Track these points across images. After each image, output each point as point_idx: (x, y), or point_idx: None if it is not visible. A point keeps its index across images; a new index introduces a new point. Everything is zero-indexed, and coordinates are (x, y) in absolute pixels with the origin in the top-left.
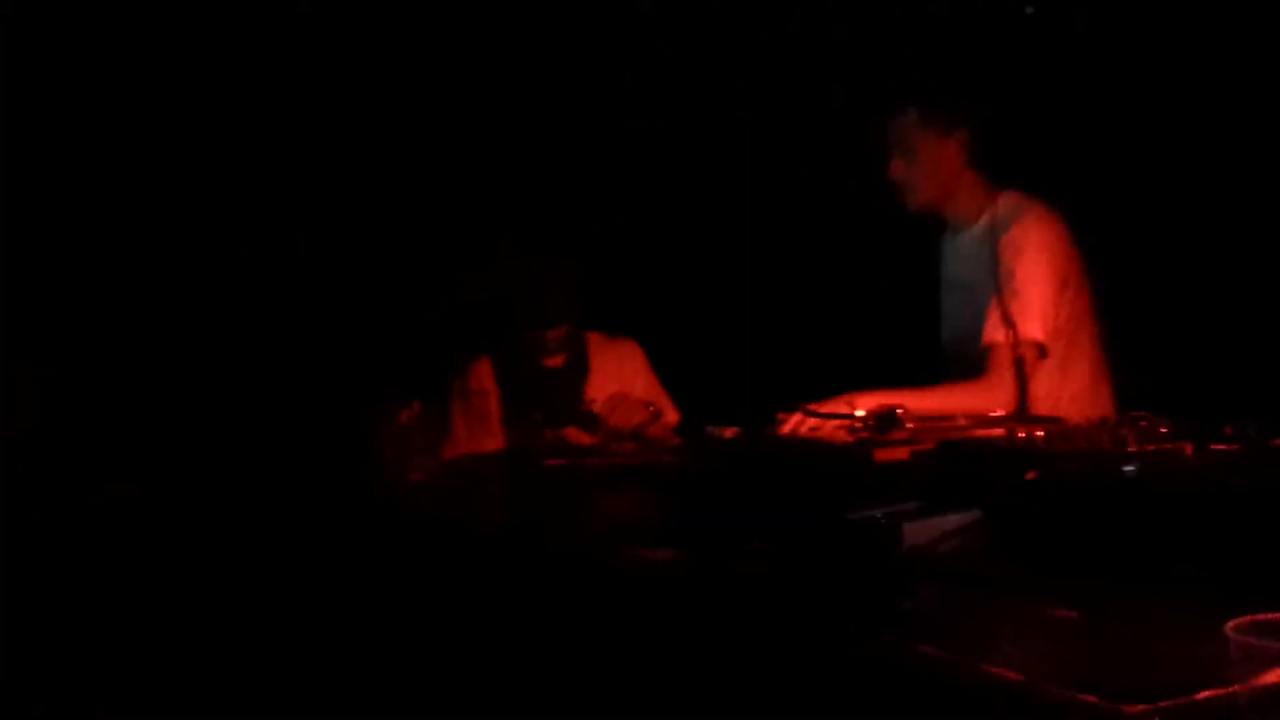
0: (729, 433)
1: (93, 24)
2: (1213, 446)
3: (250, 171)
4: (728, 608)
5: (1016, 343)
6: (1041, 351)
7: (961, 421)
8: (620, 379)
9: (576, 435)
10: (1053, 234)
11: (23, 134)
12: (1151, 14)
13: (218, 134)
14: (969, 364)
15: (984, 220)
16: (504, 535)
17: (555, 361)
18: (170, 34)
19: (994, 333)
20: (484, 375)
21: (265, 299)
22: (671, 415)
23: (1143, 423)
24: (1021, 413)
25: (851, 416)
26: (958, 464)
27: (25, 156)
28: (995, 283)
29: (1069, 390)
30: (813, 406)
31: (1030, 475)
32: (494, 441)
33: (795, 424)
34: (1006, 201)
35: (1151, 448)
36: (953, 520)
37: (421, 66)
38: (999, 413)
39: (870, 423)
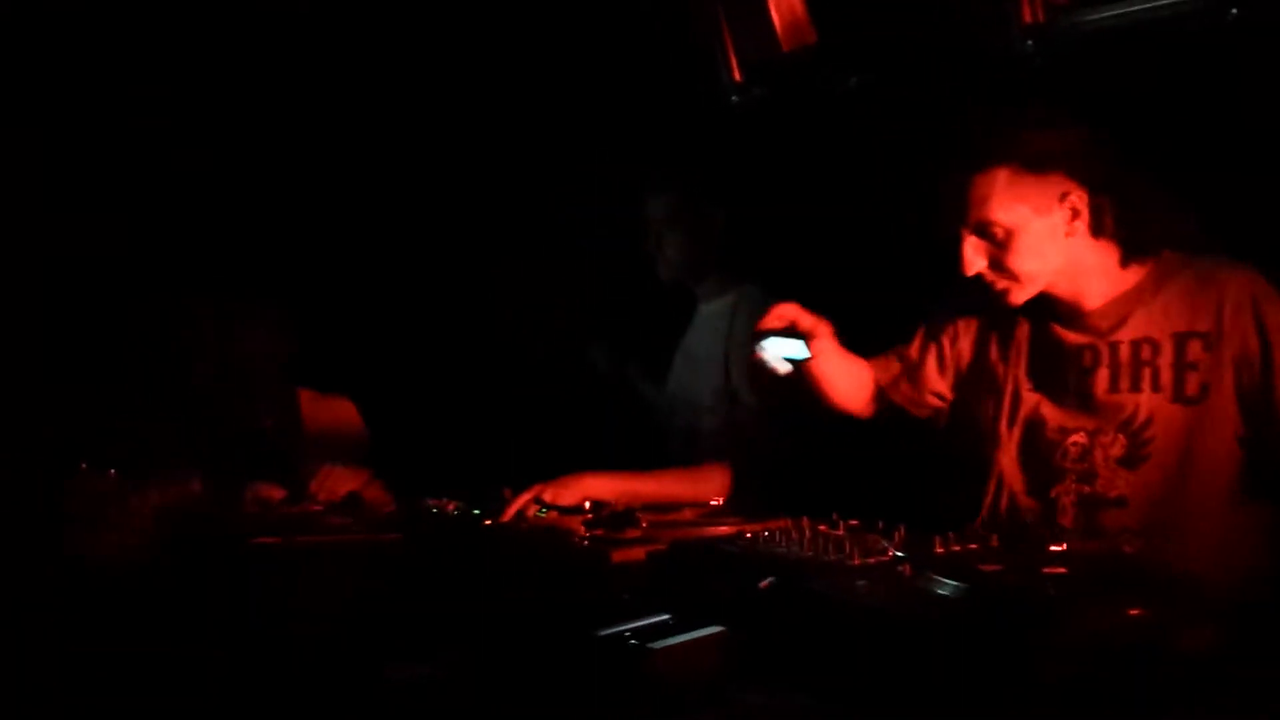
0: (450, 507)
1: None
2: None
3: None
4: None
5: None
6: None
7: (688, 514)
8: (334, 440)
9: (280, 501)
10: None
11: None
12: None
13: None
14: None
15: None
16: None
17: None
18: None
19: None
20: None
21: None
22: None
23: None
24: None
25: (583, 510)
26: (692, 569)
27: None
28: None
29: None
30: (545, 494)
31: (764, 585)
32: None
33: (520, 505)
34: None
35: (873, 561)
36: (696, 638)
37: None
38: (716, 501)
39: (604, 518)
